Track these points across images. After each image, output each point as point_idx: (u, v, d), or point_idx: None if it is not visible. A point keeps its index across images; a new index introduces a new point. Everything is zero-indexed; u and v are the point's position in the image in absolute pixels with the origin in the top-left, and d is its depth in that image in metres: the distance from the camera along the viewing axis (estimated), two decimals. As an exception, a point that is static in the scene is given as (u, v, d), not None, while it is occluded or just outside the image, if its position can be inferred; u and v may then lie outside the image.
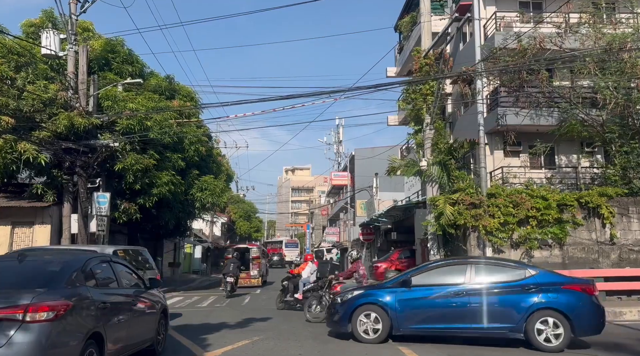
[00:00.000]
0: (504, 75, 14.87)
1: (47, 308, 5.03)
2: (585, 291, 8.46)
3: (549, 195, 14.46)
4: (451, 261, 10.20)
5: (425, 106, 15.41)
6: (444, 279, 8.94)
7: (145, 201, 18.68)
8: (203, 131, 22.71)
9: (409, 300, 8.84)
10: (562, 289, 8.45)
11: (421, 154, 15.78)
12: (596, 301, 8.56)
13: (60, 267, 5.97)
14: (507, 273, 8.82)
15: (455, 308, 8.61)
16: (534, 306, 8.31)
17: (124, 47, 20.59)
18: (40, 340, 4.90)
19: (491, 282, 8.69)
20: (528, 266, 9.26)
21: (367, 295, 9.27)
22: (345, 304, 9.26)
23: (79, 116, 16.21)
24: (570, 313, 8.20)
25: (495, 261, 9.78)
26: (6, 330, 4.82)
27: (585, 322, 8.29)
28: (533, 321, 8.24)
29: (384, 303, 8.92)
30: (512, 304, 8.41)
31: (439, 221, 14.54)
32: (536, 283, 8.53)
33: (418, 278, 9.03)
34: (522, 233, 14.27)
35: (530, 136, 16.72)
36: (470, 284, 8.67)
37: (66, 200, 17.20)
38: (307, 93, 13.98)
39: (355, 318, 8.96)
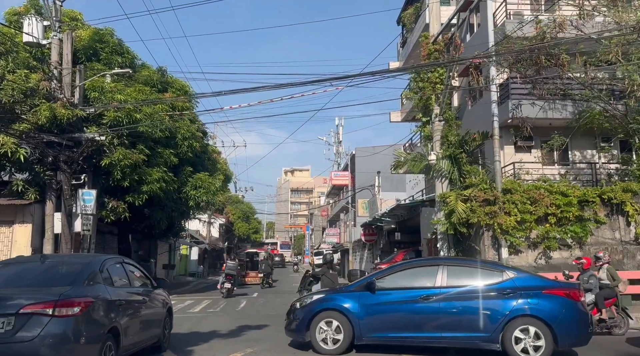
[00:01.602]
0: (519, 62, 13.72)
1: (72, 304, 5.58)
2: (569, 296, 7.53)
3: (569, 191, 13.38)
4: (421, 262, 9.23)
5: (434, 95, 14.30)
6: (413, 283, 8.06)
7: (135, 199, 17.55)
8: (197, 127, 21.59)
9: (374, 306, 7.94)
10: (543, 294, 7.50)
11: (429, 148, 14.69)
12: (582, 307, 7.60)
13: (81, 267, 6.55)
14: (482, 276, 7.89)
15: (424, 314, 7.72)
16: (512, 313, 7.39)
17: (113, 37, 19.47)
18: (67, 333, 5.46)
19: (464, 285, 7.80)
20: (506, 268, 8.24)
21: (328, 300, 8.35)
22: (304, 309, 8.34)
23: (62, 107, 15.08)
24: (552, 321, 7.27)
25: (470, 262, 8.80)
26: (37, 323, 5.36)
27: (569, 331, 7.34)
28: (510, 330, 7.32)
29: (346, 309, 8.01)
30: (487, 311, 7.49)
31: (449, 219, 13.45)
32: (514, 286, 7.59)
33: (384, 280, 8.15)
34: (540, 232, 13.17)
35: (543, 131, 15.63)
36: (440, 288, 7.77)
37: (49, 198, 16.06)
38: (307, 81, 12.86)
39: (315, 325, 8.04)
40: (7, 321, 5.32)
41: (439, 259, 9.96)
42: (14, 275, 6.54)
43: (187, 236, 41.53)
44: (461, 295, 7.66)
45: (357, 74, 12.44)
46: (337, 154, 47.67)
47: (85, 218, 15.99)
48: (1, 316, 5.35)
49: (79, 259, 7.58)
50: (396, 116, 28.67)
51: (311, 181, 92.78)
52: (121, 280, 7.14)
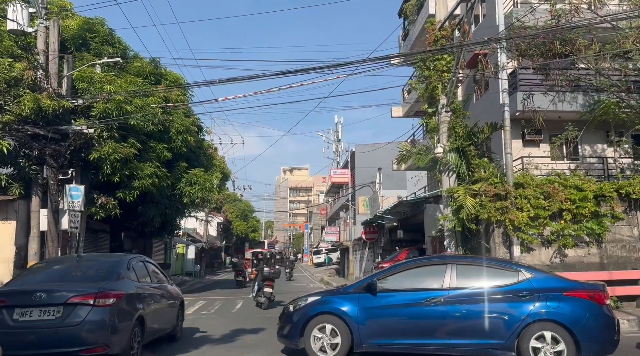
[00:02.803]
0: (531, 49, 12.94)
1: (109, 296, 6.66)
2: (593, 298, 6.72)
3: (585, 185, 12.60)
4: (427, 261, 8.52)
5: (441, 85, 13.50)
6: (418, 283, 7.31)
7: (126, 195, 16.73)
8: (192, 120, 20.79)
9: (375, 309, 7.18)
10: (564, 297, 6.76)
11: (435, 140, 13.89)
12: (608, 311, 6.78)
13: (112, 265, 7.79)
14: (495, 276, 7.12)
15: (430, 319, 6.99)
16: (529, 317, 6.66)
17: (104, 27, 18.66)
18: (104, 319, 6.54)
19: (476, 287, 7.05)
20: (522, 267, 7.39)
21: (324, 302, 7.57)
22: (298, 313, 7.57)
23: (47, 98, 14.27)
24: (574, 327, 6.53)
25: (481, 261, 8.00)
26: (81, 311, 6.46)
27: (593, 338, 6.56)
28: (527, 337, 6.59)
29: (344, 313, 7.25)
30: (501, 314, 6.77)
31: (457, 216, 12.65)
32: (532, 288, 6.85)
33: (387, 281, 7.40)
34: (554, 229, 12.39)
35: (552, 124, 14.84)
36: (449, 289, 7.02)
37: (35, 193, 15.23)
38: (307, 68, 12.06)
39: (309, 331, 7.29)
40: (57, 310, 6.49)
41: (447, 257, 9.15)
42: (57, 272, 7.85)
43: (184, 234, 40.74)
44: (472, 298, 6.94)
45: (360, 61, 11.68)
46: (337, 152, 46.90)
47: (73, 215, 15.20)
48: (53, 306, 6.49)
49: (110, 259, 8.98)
50: (397, 111, 27.90)
51: (310, 180, 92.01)
52: (144, 276, 8.27)
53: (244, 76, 12.74)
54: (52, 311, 6.46)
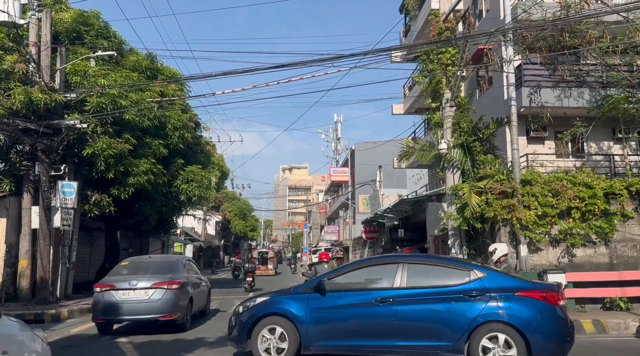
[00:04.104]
0: (539, 41, 12.50)
1: (175, 283, 10.27)
2: (546, 299, 6.44)
3: (594, 182, 12.17)
4: (380, 260, 8.29)
5: (445, 78, 13.08)
6: (369, 283, 7.13)
7: (120, 192, 16.27)
8: (189, 116, 20.32)
9: (323, 310, 6.93)
10: (515, 297, 6.49)
11: (439, 136, 13.47)
12: (561, 313, 6.47)
13: (173, 263, 11.69)
14: (447, 275, 6.86)
15: (379, 320, 6.74)
16: (479, 318, 6.41)
17: (99, 20, 18.17)
18: (174, 298, 10.11)
19: (426, 286, 6.83)
20: (475, 267, 7.06)
21: (272, 303, 7.32)
22: (246, 314, 7.30)
23: (39, 92, 13.84)
24: (525, 329, 6.27)
25: (434, 260, 7.74)
26: (160, 292, 10.00)
27: (544, 340, 6.29)
28: (477, 339, 6.35)
29: (292, 314, 6.99)
30: (451, 315, 6.53)
31: (462, 214, 12.23)
32: (483, 288, 6.57)
33: (337, 281, 7.14)
34: (562, 227, 11.97)
35: (557, 121, 14.40)
36: (399, 289, 6.78)
37: (26, 190, 14.84)
38: (306, 60, 11.62)
39: (256, 333, 7.04)
40: (145, 292, 10.02)
41: (400, 256, 8.91)
42: (139, 267, 11.13)
43: (182, 233, 40.33)
44: (421, 298, 6.71)
45: (362, 53, 11.24)
46: (336, 151, 46.48)
47: (66, 212, 14.80)
48: (142, 289, 10.04)
49: (170, 258, 14.29)
50: (398, 109, 27.49)
51: (309, 179, 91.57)
52: (189, 271, 11.80)
53: (241, 69, 12.32)
54: (142, 293, 10.03)
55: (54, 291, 14.77)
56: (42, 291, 14.18)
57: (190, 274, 11.48)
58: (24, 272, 14.48)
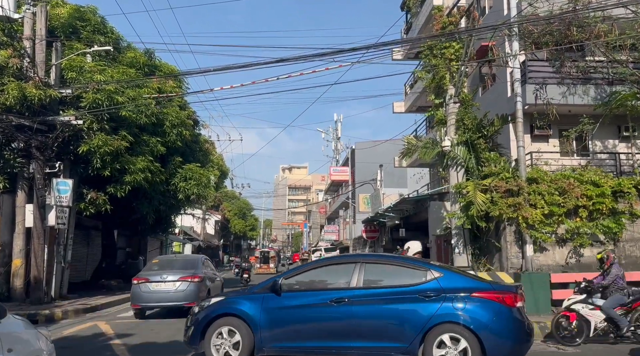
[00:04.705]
0: (545, 35, 12.19)
1: (196, 277, 12.44)
2: (502, 300, 6.24)
3: (602, 181, 11.88)
4: (338, 259, 8.11)
5: (449, 74, 12.77)
6: (325, 283, 6.99)
7: (117, 190, 15.94)
8: (188, 114, 19.99)
9: (278, 310, 6.78)
10: (471, 298, 6.30)
11: (443, 133, 13.16)
12: (518, 314, 6.26)
13: (194, 261, 13.98)
14: (404, 275, 6.70)
15: (334, 321, 6.57)
16: (434, 319, 6.23)
17: (95, 15, 17.85)
18: (195, 289, 12.22)
19: (382, 286, 6.71)
20: (432, 266, 6.83)
21: (227, 304, 7.16)
22: (200, 315, 7.09)
23: (33, 87, 13.52)
24: (479, 330, 6.08)
25: (392, 259, 7.52)
26: (185, 285, 12.28)
27: (499, 343, 6.11)
28: (431, 340, 6.18)
29: (246, 315, 6.82)
30: (405, 316, 6.37)
31: (467, 212, 11.93)
32: (439, 288, 6.40)
33: (293, 281, 7.00)
34: (569, 227, 11.67)
35: (562, 119, 14.12)
36: (355, 289, 6.61)
37: (20, 188, 14.51)
38: (306, 54, 11.32)
39: (209, 334, 6.84)
40: (173, 284, 12.22)
41: (358, 256, 8.91)
42: (167, 264, 13.51)
43: (181, 232, 40.04)
44: (377, 298, 6.54)
45: (364, 47, 10.93)
46: (336, 150, 46.20)
47: (60, 211, 14.48)
48: (171, 282, 12.24)
49: (192, 257, 16.66)
50: (399, 107, 27.19)
51: (309, 178, 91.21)
52: (206, 267, 13.93)
53: (240, 64, 12.01)
54: (170, 285, 12.22)
55: (49, 291, 14.46)
56: (36, 291, 13.87)
57: (207, 271, 13.71)
58: (18, 271, 14.16)
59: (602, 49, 12.16)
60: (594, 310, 8.75)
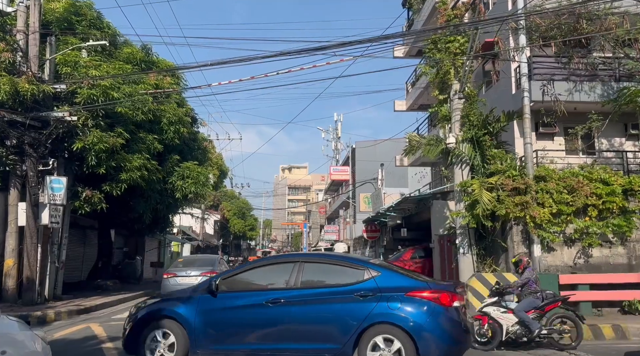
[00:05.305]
0: (553, 29, 11.83)
1: (215, 273, 13.25)
2: (437, 300, 6.08)
3: (612, 179, 11.52)
4: (278, 259, 8.16)
5: (454, 68, 12.40)
6: (263, 284, 6.88)
7: (112, 188, 15.57)
8: (186, 111, 19.61)
9: (213, 311, 6.64)
10: (405, 298, 6.14)
11: (447, 129, 12.79)
12: (455, 314, 6.11)
13: (213, 259, 17.59)
14: (342, 275, 6.55)
15: (269, 322, 6.44)
16: (368, 320, 6.07)
17: (91, 10, 17.48)
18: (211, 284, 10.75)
19: (319, 286, 6.59)
20: (369, 265, 6.63)
21: (162, 305, 7.01)
22: (136, 317, 6.94)
23: (26, 82, 13.16)
24: (413, 331, 5.93)
25: (331, 258, 7.36)
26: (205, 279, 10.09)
27: (433, 343, 5.94)
28: (365, 342, 6.03)
29: (181, 316, 6.67)
30: (339, 317, 6.22)
31: (472, 211, 11.55)
32: (375, 287, 6.24)
33: (231, 281, 6.88)
34: (578, 226, 11.31)
35: (567, 116, 13.76)
36: (292, 289, 6.50)
37: (13, 185, 14.15)
38: (307, 48, 10.94)
39: (144, 337, 6.69)
40: (196, 278, 14.22)
41: (298, 255, 8.69)
42: (190, 262, 16.76)
43: (179, 232, 39.67)
44: (313, 298, 6.40)
45: (367, 40, 10.56)
46: (336, 150, 45.83)
47: (54, 209, 14.12)
48: (195, 276, 14.61)
49: (211, 257, 19.35)
50: (401, 105, 26.81)
51: (309, 178, 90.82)
52: (222, 265, 16.79)
53: (238, 57, 11.65)
54: (193, 279, 14.03)
55: (42, 292, 14.10)
56: (29, 292, 13.52)
57: (222, 268, 15.75)
58: (10, 272, 13.80)
59: (611, 42, 11.78)
60: (506, 313, 8.66)
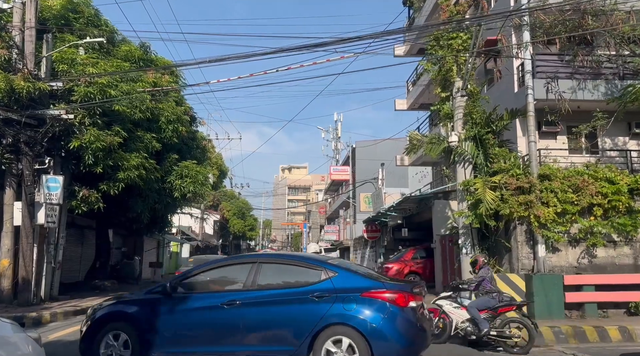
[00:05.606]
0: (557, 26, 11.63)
1: None
2: (392, 300, 5.94)
3: (617, 178, 11.32)
4: (236, 259, 8.02)
5: (456, 65, 12.19)
6: (220, 285, 6.80)
7: (110, 187, 15.34)
8: (184, 110, 19.39)
9: (168, 314, 6.51)
10: (361, 298, 6.03)
11: (449, 128, 12.58)
12: (410, 315, 5.97)
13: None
14: (300, 275, 6.48)
15: (225, 324, 6.31)
16: (323, 321, 5.97)
17: (89, 7, 17.28)
18: None
19: (276, 287, 6.45)
20: (327, 265, 6.50)
21: (117, 307, 6.90)
22: (91, 319, 6.84)
23: (21, 79, 12.95)
24: (367, 331, 5.81)
25: (289, 259, 7.27)
26: None
27: (388, 345, 5.82)
28: (320, 343, 5.92)
29: (135, 319, 6.59)
30: (295, 318, 6.12)
31: (475, 211, 11.35)
32: (332, 288, 6.14)
33: (188, 283, 6.74)
34: (583, 226, 11.10)
35: (570, 115, 13.56)
36: (248, 291, 6.39)
37: (8, 185, 13.93)
38: (308, 44, 10.74)
39: (98, 340, 6.56)
40: None
41: (257, 255, 8.48)
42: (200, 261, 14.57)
43: (179, 232, 39.47)
44: (269, 300, 6.28)
45: (368, 36, 10.36)
46: (336, 150, 45.63)
47: (50, 209, 13.91)
48: None
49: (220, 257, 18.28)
50: (401, 104, 26.63)
51: (309, 178, 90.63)
52: None
53: (237, 54, 11.45)
54: None
55: (38, 292, 13.90)
56: (24, 292, 13.31)
57: None
58: (5, 272, 13.57)
59: (617, 39, 11.58)
60: (458, 308, 8.65)
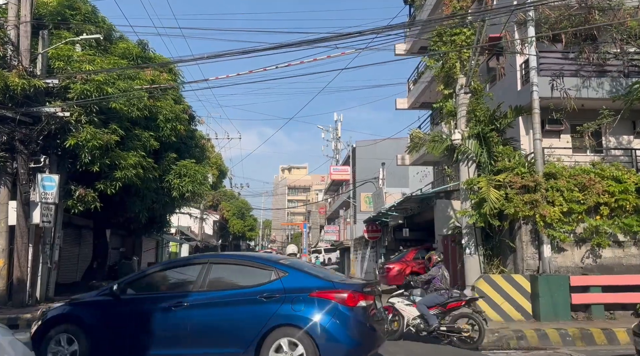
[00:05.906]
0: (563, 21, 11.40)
1: None
2: (341, 300, 5.85)
3: (624, 176, 11.08)
4: (187, 260, 7.97)
5: (460, 62, 11.95)
6: (170, 287, 6.72)
7: (107, 186, 15.09)
8: (183, 108, 19.14)
9: (116, 316, 6.48)
10: (309, 298, 5.95)
11: (452, 125, 12.34)
12: (359, 315, 5.89)
13: None
14: (250, 275, 6.39)
15: (173, 326, 6.19)
16: (271, 322, 5.89)
17: (86, 4, 17.03)
18: None
19: (225, 288, 6.37)
20: (278, 265, 6.43)
21: (66, 310, 6.80)
22: (42, 321, 6.79)
23: (16, 76, 12.72)
24: (314, 332, 5.74)
25: (240, 258, 7.09)
26: None
27: (334, 345, 5.74)
28: (268, 344, 5.85)
29: (83, 322, 6.52)
30: (242, 320, 6.04)
31: (479, 210, 11.11)
32: (281, 288, 6.08)
33: (137, 284, 6.71)
34: (589, 225, 10.86)
35: (574, 113, 13.33)
36: (198, 292, 6.29)
37: (3, 183, 13.69)
38: (308, 39, 10.48)
39: (46, 343, 6.48)
40: None
41: (208, 256, 8.38)
42: None
43: (178, 232, 39.24)
44: (217, 301, 6.20)
45: (370, 30, 10.11)
46: (336, 150, 45.37)
47: (46, 208, 13.67)
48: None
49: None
50: (402, 103, 26.41)
51: (308, 178, 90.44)
52: None
53: (235, 50, 11.19)
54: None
55: (33, 293, 13.66)
56: (19, 293, 13.08)
57: None
58: (0, 273, 13.34)
59: (624, 34, 11.35)
60: (410, 305, 8.74)
